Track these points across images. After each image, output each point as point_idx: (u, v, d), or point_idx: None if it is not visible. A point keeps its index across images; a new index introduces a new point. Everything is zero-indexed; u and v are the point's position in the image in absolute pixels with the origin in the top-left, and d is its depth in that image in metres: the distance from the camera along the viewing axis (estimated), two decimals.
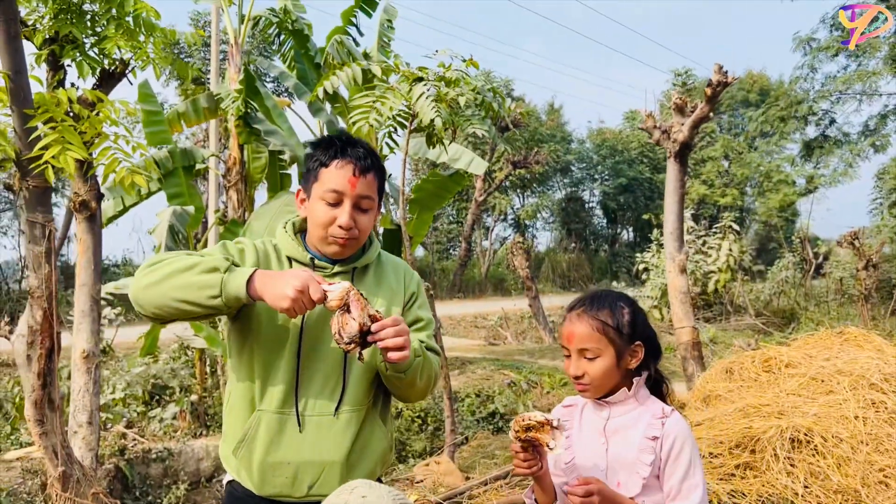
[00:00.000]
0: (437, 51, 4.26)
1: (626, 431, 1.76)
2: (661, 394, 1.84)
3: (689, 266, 15.82)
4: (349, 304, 1.64)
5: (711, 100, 5.91)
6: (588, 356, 1.76)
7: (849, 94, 15.30)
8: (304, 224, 1.97)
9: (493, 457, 5.25)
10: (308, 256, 1.90)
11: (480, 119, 4.34)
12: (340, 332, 1.64)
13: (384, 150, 4.82)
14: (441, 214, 27.95)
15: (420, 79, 4.15)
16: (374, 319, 1.67)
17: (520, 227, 31.49)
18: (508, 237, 29.69)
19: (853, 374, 3.79)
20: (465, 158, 7.12)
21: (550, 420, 1.64)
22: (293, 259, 1.92)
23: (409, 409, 6.76)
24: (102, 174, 3.36)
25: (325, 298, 1.64)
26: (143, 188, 3.47)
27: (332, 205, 1.82)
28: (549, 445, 1.63)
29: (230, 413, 1.93)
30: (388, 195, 8.17)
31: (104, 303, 8.43)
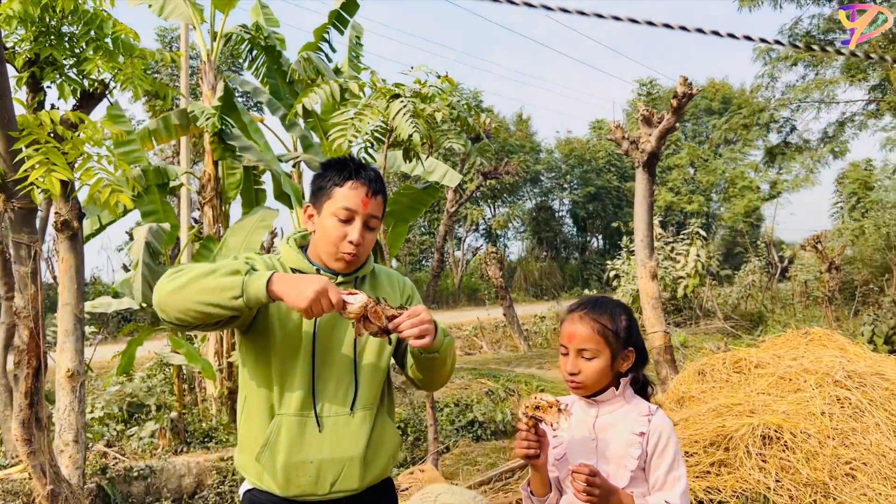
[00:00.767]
0: (413, 67, 4.36)
1: (614, 428, 1.88)
2: (646, 396, 1.98)
3: (659, 272, 16.11)
4: (367, 316, 1.78)
5: (677, 111, 6.11)
6: (586, 356, 1.88)
7: (808, 102, 15.79)
8: (304, 240, 2.11)
9: (476, 463, 5.35)
10: (314, 269, 2.03)
11: (456, 133, 4.45)
12: (360, 332, 1.80)
13: None
14: (413, 226, 28.01)
15: (397, 95, 4.25)
16: (394, 318, 1.81)
17: (491, 237, 31.70)
18: (480, 247, 29.83)
19: (819, 373, 3.97)
20: (440, 171, 7.24)
21: (559, 402, 1.76)
22: (298, 271, 2.02)
23: None
24: (87, 194, 3.40)
25: (344, 307, 1.76)
26: (128, 206, 3.52)
27: (344, 221, 1.96)
28: (553, 425, 1.74)
29: (248, 422, 2.03)
30: None
31: None
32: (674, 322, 16.01)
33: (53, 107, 3.74)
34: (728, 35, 3.67)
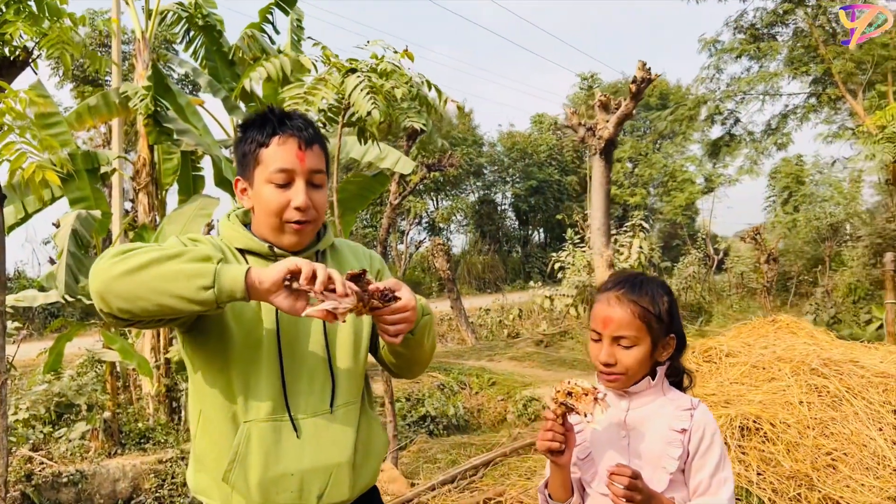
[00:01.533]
0: (369, 41, 4.10)
1: (649, 423, 1.65)
2: (681, 388, 1.74)
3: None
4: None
5: (636, 96, 6.01)
6: (624, 344, 1.63)
7: (752, 95, 16.11)
8: (248, 217, 1.77)
9: (436, 461, 5.12)
10: (265, 245, 1.69)
11: (416, 113, 4.21)
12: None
13: None
14: (356, 218, 27.61)
15: (353, 70, 3.98)
16: (374, 292, 1.50)
17: (435, 231, 31.51)
18: (424, 240, 29.62)
19: (793, 361, 3.89)
20: (392, 158, 6.97)
21: (596, 390, 1.52)
22: (247, 251, 1.71)
23: None
24: (8, 170, 3.03)
25: (329, 286, 1.42)
26: (56, 183, 3.13)
27: (282, 186, 1.64)
28: (587, 416, 1.50)
29: (206, 435, 1.70)
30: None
31: None
32: None
33: None
34: None
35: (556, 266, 17.45)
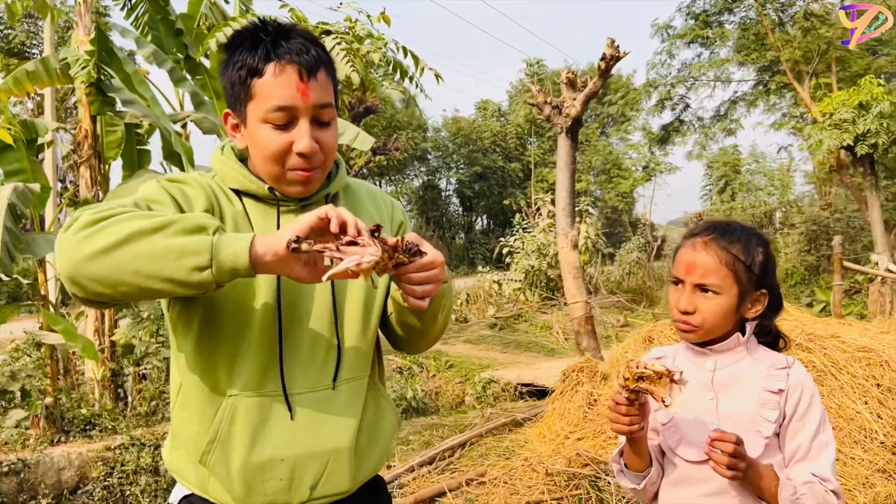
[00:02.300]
0: (342, 3, 3.89)
1: (740, 384, 1.50)
2: (776, 349, 1.61)
3: (550, 249, 16.30)
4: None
5: (604, 74, 5.94)
6: (708, 292, 1.49)
7: (703, 81, 16.41)
8: (243, 152, 1.48)
9: (409, 442, 4.96)
10: (265, 187, 1.42)
11: (392, 80, 4.02)
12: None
13: None
14: None
15: (328, 31, 3.77)
16: (395, 250, 1.23)
17: None
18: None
19: None
20: (350, 133, 6.72)
21: (672, 371, 1.36)
22: (244, 192, 1.44)
23: None
24: None
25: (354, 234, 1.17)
26: (8, 141, 2.81)
27: (282, 127, 1.35)
28: (665, 401, 1.34)
29: (185, 408, 1.44)
30: None
31: None
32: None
33: None
34: None
35: (505, 251, 17.48)
